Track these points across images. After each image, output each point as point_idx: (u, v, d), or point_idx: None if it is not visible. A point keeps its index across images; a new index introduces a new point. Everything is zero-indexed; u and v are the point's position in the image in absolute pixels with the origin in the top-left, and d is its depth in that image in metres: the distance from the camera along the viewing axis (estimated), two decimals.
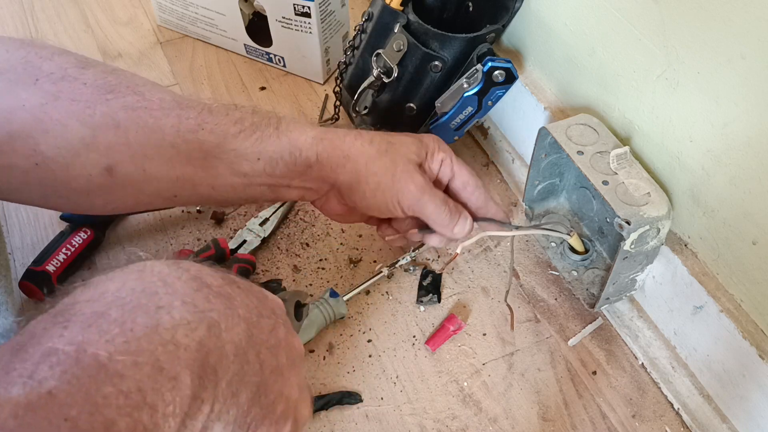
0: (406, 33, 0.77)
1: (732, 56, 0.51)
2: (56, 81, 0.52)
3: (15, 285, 0.74)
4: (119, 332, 0.31)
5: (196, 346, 0.34)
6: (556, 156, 0.71)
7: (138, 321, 0.32)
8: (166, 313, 0.34)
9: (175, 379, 0.32)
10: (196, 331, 0.34)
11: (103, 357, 0.30)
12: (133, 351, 0.31)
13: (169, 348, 0.32)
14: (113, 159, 0.53)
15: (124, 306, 0.33)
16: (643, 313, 0.70)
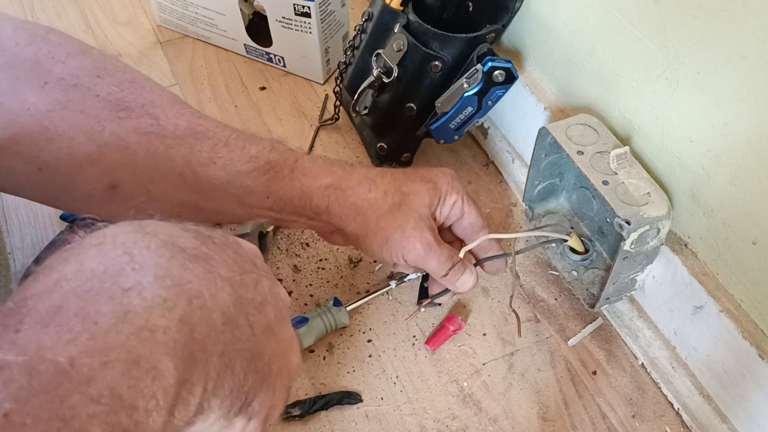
0: (406, 33, 0.77)
1: (732, 56, 0.51)
2: (66, 88, 0.50)
3: (15, 285, 0.74)
4: (82, 329, 0.27)
5: (177, 326, 0.30)
6: (556, 156, 0.71)
7: (103, 310, 0.28)
8: (135, 294, 0.29)
9: (155, 369, 0.28)
10: (174, 309, 0.30)
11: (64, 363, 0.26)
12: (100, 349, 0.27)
13: (143, 335, 0.28)
14: (118, 178, 0.51)
15: (85, 294, 0.29)
16: (643, 313, 0.70)
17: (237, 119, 0.95)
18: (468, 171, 0.88)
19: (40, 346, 0.26)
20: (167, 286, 0.30)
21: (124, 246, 0.31)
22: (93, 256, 0.30)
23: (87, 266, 0.30)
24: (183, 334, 0.30)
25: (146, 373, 0.28)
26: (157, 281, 0.30)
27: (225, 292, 0.33)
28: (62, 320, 0.27)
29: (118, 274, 0.30)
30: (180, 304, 0.30)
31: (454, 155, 0.90)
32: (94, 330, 0.27)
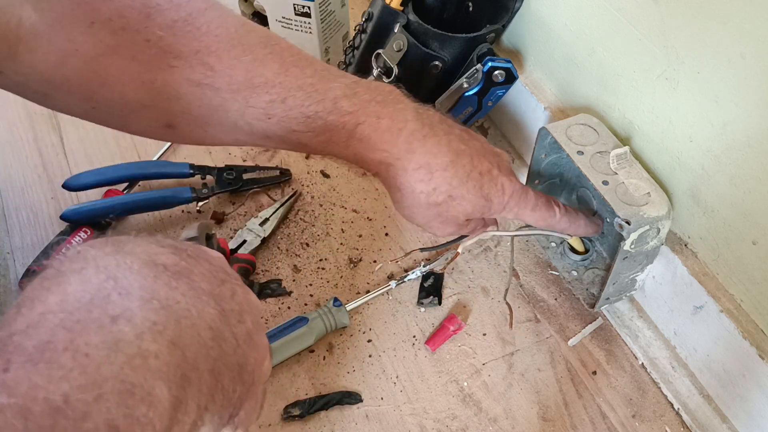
0: (406, 33, 0.77)
1: (732, 56, 0.51)
2: (115, 31, 0.47)
3: (15, 285, 0.74)
4: (73, 364, 0.26)
5: (168, 349, 0.29)
6: (556, 156, 0.71)
7: (93, 342, 0.27)
8: (125, 321, 0.29)
9: (150, 396, 0.28)
10: (165, 332, 0.30)
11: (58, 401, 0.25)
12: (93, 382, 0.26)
13: (135, 363, 0.28)
14: (173, 120, 0.51)
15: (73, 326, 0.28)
16: (643, 313, 0.70)
17: None
18: None
19: (32, 386, 0.25)
20: (155, 308, 0.30)
21: (107, 270, 0.30)
22: (76, 283, 0.29)
23: (72, 296, 0.29)
24: (175, 356, 0.30)
25: (141, 400, 0.27)
26: (144, 305, 0.30)
27: (210, 306, 0.33)
28: (52, 356, 0.27)
29: (104, 301, 0.29)
30: (170, 326, 0.30)
31: None
32: (85, 363, 0.27)
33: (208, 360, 0.32)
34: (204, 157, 0.88)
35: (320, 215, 0.83)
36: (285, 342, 0.68)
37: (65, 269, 0.30)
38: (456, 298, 0.75)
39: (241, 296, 0.37)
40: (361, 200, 0.84)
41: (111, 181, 0.82)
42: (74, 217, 0.78)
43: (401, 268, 0.78)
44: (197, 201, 0.82)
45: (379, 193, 0.85)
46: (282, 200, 0.83)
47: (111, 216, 0.80)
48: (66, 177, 0.82)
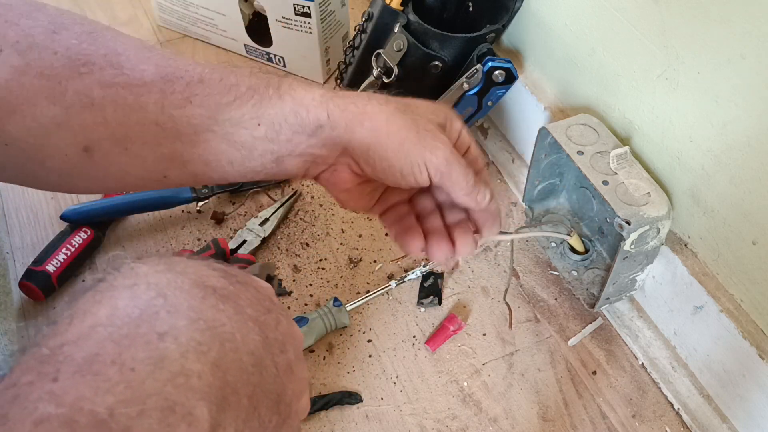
0: (406, 33, 0.77)
1: (732, 56, 0.51)
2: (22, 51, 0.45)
3: (15, 285, 0.74)
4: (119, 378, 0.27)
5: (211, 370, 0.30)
6: (556, 156, 0.71)
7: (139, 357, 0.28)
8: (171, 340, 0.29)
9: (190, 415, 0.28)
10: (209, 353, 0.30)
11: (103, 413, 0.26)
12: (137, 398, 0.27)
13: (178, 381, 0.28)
14: (90, 139, 0.47)
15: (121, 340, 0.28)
16: (643, 313, 0.70)
17: None
18: None
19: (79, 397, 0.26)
20: (201, 329, 0.30)
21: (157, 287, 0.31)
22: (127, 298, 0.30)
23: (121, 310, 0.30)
24: (217, 378, 0.30)
25: (182, 419, 0.28)
26: (191, 324, 0.30)
27: (254, 333, 0.33)
28: (100, 368, 0.27)
29: (153, 318, 0.30)
30: (214, 348, 0.30)
31: None
32: (131, 378, 0.27)
33: (248, 386, 0.32)
34: None
35: (320, 215, 0.83)
36: None
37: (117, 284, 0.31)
38: (456, 298, 0.75)
39: (285, 327, 0.37)
40: None
41: None
42: (74, 217, 0.78)
43: (401, 268, 0.78)
44: (197, 201, 0.82)
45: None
46: (282, 200, 0.83)
47: (111, 216, 0.80)
48: None
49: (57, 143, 0.47)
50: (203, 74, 0.49)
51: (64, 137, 0.46)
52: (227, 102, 0.48)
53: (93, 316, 0.29)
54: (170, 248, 0.79)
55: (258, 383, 0.33)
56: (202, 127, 0.48)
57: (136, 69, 0.48)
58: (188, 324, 0.30)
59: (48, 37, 0.47)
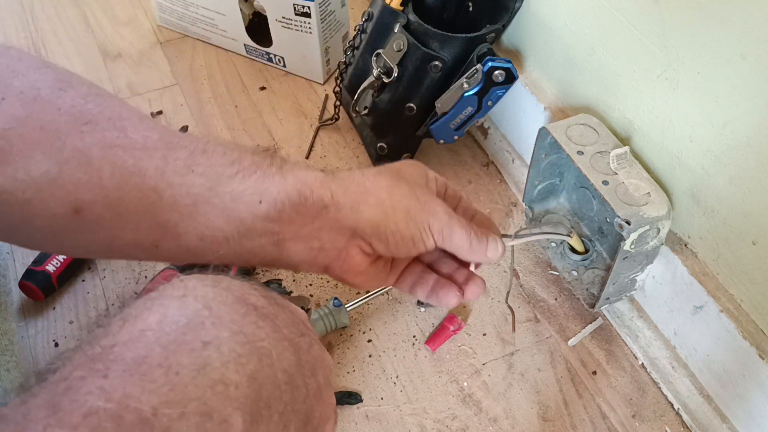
0: (406, 33, 0.77)
1: (732, 56, 0.51)
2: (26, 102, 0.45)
3: (15, 285, 0.74)
4: (164, 380, 0.29)
5: (248, 382, 0.32)
6: (556, 156, 0.71)
7: (184, 362, 0.30)
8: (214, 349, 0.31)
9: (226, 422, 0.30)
10: (247, 366, 0.32)
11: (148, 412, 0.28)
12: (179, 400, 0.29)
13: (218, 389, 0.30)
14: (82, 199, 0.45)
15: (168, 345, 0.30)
16: (643, 313, 0.70)
17: (237, 119, 0.95)
18: (468, 171, 0.88)
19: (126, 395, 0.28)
20: (242, 342, 0.32)
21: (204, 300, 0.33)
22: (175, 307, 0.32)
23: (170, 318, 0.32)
24: (252, 390, 0.32)
25: (218, 425, 0.29)
26: (233, 337, 0.32)
27: (289, 352, 0.35)
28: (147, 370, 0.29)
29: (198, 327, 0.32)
30: (252, 361, 0.32)
31: (454, 155, 0.90)
32: (175, 381, 0.29)
33: (280, 403, 0.34)
34: None
35: None
36: None
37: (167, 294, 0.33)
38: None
39: (317, 351, 0.38)
40: None
41: None
42: None
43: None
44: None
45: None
46: None
47: None
48: None
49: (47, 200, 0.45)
50: (207, 146, 0.48)
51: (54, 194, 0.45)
52: (230, 174, 0.47)
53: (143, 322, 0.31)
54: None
55: (289, 402, 0.34)
56: (202, 198, 0.47)
57: (139, 134, 0.47)
58: (230, 336, 0.32)
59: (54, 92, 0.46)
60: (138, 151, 0.46)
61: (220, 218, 0.47)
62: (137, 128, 0.47)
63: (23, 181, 0.44)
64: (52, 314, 0.74)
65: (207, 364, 0.30)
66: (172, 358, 0.30)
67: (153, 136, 0.47)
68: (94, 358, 0.30)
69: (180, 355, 0.30)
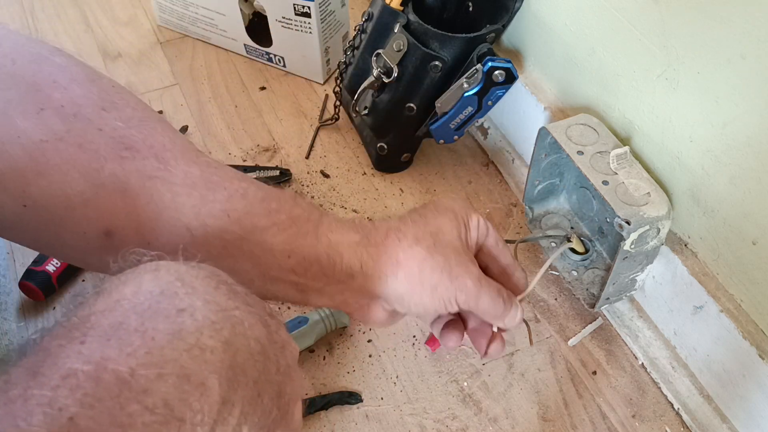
0: (406, 33, 0.77)
1: (732, 56, 0.51)
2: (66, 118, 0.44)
3: (15, 285, 0.74)
4: (140, 343, 0.30)
5: (223, 347, 0.32)
6: (556, 156, 0.71)
7: (159, 327, 0.31)
8: (188, 315, 0.32)
9: (203, 386, 0.30)
10: (221, 331, 0.32)
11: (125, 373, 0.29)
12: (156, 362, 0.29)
13: (194, 353, 0.31)
14: (114, 224, 0.45)
15: (143, 312, 0.31)
16: (643, 313, 0.70)
17: (237, 119, 0.95)
18: (468, 171, 0.88)
19: (104, 357, 0.29)
20: (215, 310, 0.33)
21: (177, 273, 0.34)
22: (150, 280, 0.33)
23: (145, 288, 0.32)
24: (228, 356, 0.32)
25: (195, 388, 0.30)
26: (206, 305, 0.33)
27: (260, 324, 0.36)
28: (123, 335, 0.30)
29: (172, 296, 0.32)
30: (226, 328, 0.33)
31: (454, 155, 0.90)
32: (151, 345, 0.30)
33: (254, 370, 0.34)
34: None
35: None
36: None
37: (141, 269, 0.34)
38: None
39: (283, 335, 0.39)
40: (361, 200, 0.84)
41: None
42: None
43: None
44: None
45: (379, 193, 0.85)
46: None
47: None
48: None
49: (78, 220, 0.45)
50: (247, 190, 0.48)
51: (86, 215, 0.45)
52: (264, 226, 0.47)
53: (119, 293, 0.32)
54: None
55: (262, 371, 0.35)
56: (233, 244, 0.47)
57: (179, 168, 0.46)
58: (204, 305, 0.33)
59: (96, 111, 0.45)
60: (177, 186, 0.46)
61: (248, 263, 0.48)
62: (179, 161, 0.46)
63: (56, 198, 0.44)
64: (52, 314, 0.74)
65: (182, 329, 0.31)
66: (148, 324, 0.31)
67: (194, 172, 0.46)
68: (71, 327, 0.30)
69: (155, 321, 0.31)
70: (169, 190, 0.45)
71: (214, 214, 0.46)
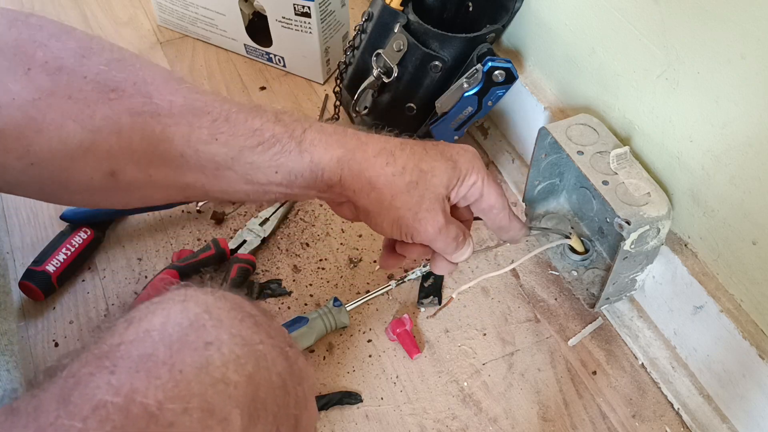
0: (406, 33, 0.77)
1: (732, 56, 0.51)
2: (51, 73, 0.47)
3: (15, 285, 0.74)
4: (168, 377, 0.31)
5: (246, 381, 0.33)
6: (556, 156, 0.71)
7: (187, 361, 0.32)
8: (215, 349, 0.33)
9: (226, 420, 0.31)
10: (245, 366, 0.34)
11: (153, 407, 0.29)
12: (182, 396, 0.30)
13: (219, 387, 0.32)
14: (116, 164, 0.48)
15: (172, 345, 0.32)
16: (643, 313, 0.70)
17: None
18: None
19: (133, 389, 0.30)
20: (241, 344, 0.34)
21: (204, 305, 0.35)
22: (178, 312, 0.34)
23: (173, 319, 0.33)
24: (250, 390, 0.33)
25: (218, 422, 0.31)
26: (232, 339, 0.34)
27: (281, 358, 0.37)
28: (152, 367, 0.31)
29: (200, 329, 0.33)
30: (250, 363, 0.34)
31: None
32: (179, 378, 0.31)
33: (274, 405, 0.35)
34: None
35: (320, 215, 0.83)
36: None
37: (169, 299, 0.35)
38: (456, 298, 0.75)
39: (303, 363, 0.40)
40: None
41: None
42: (74, 217, 0.78)
43: (401, 268, 0.78)
44: (197, 201, 0.82)
45: None
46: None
47: (110, 216, 0.80)
48: None
49: (83, 167, 0.48)
50: (230, 112, 0.51)
51: (90, 161, 0.48)
52: (250, 146, 0.50)
53: (148, 323, 0.33)
54: (170, 248, 0.79)
55: (282, 405, 0.36)
56: (224, 165, 0.50)
57: (164, 99, 0.49)
58: (230, 338, 0.34)
59: (77, 61, 0.48)
60: (164, 117, 0.48)
61: (241, 182, 0.52)
62: (162, 92, 0.49)
63: (59, 150, 0.47)
64: (52, 314, 0.74)
65: (209, 363, 0.32)
66: (176, 357, 0.31)
67: (178, 101, 0.49)
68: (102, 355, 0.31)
69: (183, 354, 0.32)
70: (158, 122, 0.48)
71: (203, 139, 0.49)
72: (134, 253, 0.79)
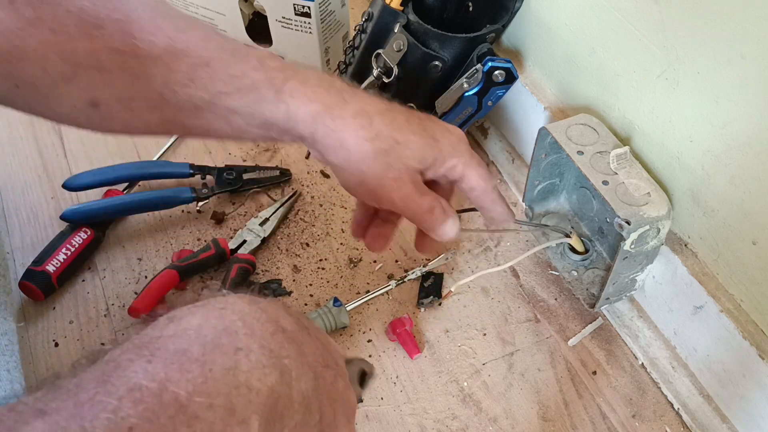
0: (406, 33, 0.77)
1: (732, 56, 0.51)
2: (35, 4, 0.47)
3: (15, 285, 0.74)
4: (199, 372, 0.33)
5: (267, 392, 0.35)
6: (556, 156, 0.71)
7: (217, 361, 0.34)
8: (244, 355, 0.35)
9: (245, 423, 0.33)
10: (269, 376, 0.35)
11: (183, 397, 0.31)
12: (209, 392, 0.32)
13: (242, 391, 0.33)
14: (97, 96, 0.50)
15: (206, 344, 0.34)
16: (643, 313, 0.70)
17: None
18: None
19: (167, 378, 0.32)
20: (268, 355, 0.36)
21: (240, 314, 0.37)
22: (216, 317, 0.36)
23: (210, 322, 0.36)
24: (270, 400, 0.35)
25: (238, 423, 0.32)
26: (261, 350, 0.36)
27: (308, 376, 0.38)
28: (185, 362, 0.33)
29: (233, 334, 0.35)
30: (273, 374, 0.35)
31: None
32: (208, 375, 0.33)
33: (292, 420, 0.36)
34: (204, 157, 0.88)
35: (320, 215, 0.83)
36: None
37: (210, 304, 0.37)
38: (456, 298, 0.75)
39: (341, 387, 0.41)
40: None
41: (111, 181, 0.82)
42: (74, 217, 0.78)
43: (401, 268, 0.78)
44: (197, 201, 0.82)
45: None
46: (282, 200, 0.83)
47: (110, 216, 0.80)
48: (66, 177, 0.82)
49: (65, 94, 0.49)
50: (210, 57, 0.51)
51: (71, 91, 0.49)
52: (227, 92, 0.51)
53: (188, 322, 0.35)
54: (170, 248, 0.79)
55: (300, 422, 0.37)
56: (203, 106, 0.51)
57: (145, 39, 0.50)
58: (259, 348, 0.35)
59: None
60: (144, 58, 0.49)
61: (221, 122, 0.52)
62: (145, 31, 0.50)
63: (42, 77, 0.48)
64: (52, 314, 0.74)
65: (236, 366, 0.34)
66: (208, 356, 0.33)
67: (159, 42, 0.50)
68: (142, 345, 0.33)
69: (215, 355, 0.34)
70: (137, 62, 0.49)
71: (180, 82, 0.50)
72: (134, 253, 0.79)
